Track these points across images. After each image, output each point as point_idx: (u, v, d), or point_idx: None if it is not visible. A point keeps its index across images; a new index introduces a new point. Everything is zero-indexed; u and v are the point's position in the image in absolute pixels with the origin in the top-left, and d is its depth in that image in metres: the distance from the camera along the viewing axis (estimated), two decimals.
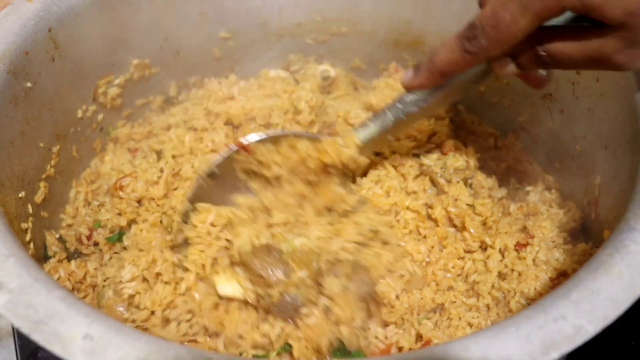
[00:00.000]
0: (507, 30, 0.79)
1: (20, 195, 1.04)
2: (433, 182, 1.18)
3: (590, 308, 0.70)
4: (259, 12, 1.40)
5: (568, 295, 0.71)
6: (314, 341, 0.94)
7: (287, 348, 0.95)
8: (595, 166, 1.08)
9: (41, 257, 1.11)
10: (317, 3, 1.40)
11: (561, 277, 1.02)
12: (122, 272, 1.01)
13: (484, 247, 1.10)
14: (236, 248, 1.00)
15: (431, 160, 1.19)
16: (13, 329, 1.19)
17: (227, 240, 1.03)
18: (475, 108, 1.39)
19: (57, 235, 1.16)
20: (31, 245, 1.06)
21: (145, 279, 1.02)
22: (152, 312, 1.00)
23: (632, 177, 0.92)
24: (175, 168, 1.15)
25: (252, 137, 1.07)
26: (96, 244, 1.13)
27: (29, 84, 1.06)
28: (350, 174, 1.13)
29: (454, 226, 1.13)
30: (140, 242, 1.05)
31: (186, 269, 1.02)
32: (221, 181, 1.08)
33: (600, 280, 0.72)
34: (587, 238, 1.10)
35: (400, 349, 0.99)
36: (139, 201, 1.13)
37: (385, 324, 1.03)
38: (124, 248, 1.09)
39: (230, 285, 0.97)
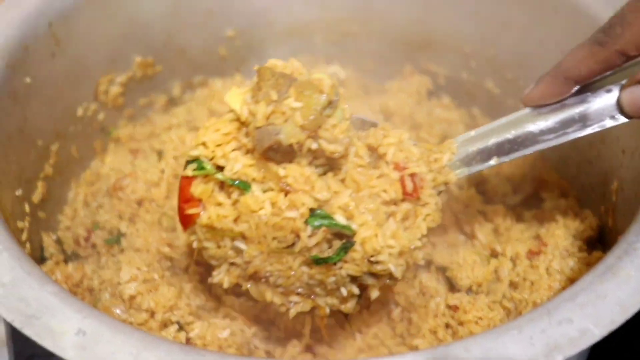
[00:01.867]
0: None
1: (17, 193, 1.08)
2: None
3: (597, 311, 0.71)
4: (266, 11, 1.43)
5: (574, 298, 0.73)
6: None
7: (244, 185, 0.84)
8: (612, 171, 1.10)
9: (37, 259, 1.14)
10: (327, 1, 1.43)
11: None
12: (120, 273, 1.04)
13: (494, 255, 1.11)
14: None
15: None
16: (7, 336, 1.22)
17: None
18: (489, 111, 1.40)
19: (55, 237, 1.19)
20: (27, 245, 1.09)
21: (146, 280, 1.05)
22: (152, 315, 1.02)
23: None
24: (176, 169, 1.18)
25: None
26: (94, 246, 1.16)
27: (28, 80, 1.10)
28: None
29: (464, 234, 1.15)
30: (136, 242, 1.08)
31: None
32: None
33: (608, 284, 0.74)
34: (605, 247, 1.12)
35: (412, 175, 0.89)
36: (139, 202, 1.16)
37: None
38: (122, 250, 1.12)
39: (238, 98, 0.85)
